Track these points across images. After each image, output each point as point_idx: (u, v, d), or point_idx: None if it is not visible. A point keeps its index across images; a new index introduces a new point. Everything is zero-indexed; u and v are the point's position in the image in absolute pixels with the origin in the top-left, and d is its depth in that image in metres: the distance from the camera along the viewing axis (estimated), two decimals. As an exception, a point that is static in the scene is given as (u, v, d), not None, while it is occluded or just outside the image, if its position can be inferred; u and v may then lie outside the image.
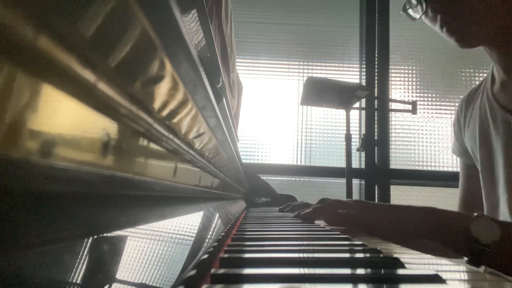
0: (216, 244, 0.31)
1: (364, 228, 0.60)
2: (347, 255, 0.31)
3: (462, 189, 0.89)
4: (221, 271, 0.22)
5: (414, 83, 2.11)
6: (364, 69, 2.08)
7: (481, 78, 2.16)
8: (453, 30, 0.69)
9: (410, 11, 0.75)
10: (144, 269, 0.18)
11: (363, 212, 0.63)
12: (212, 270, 0.22)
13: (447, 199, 1.83)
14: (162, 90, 0.20)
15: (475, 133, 0.80)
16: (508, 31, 0.68)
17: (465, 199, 0.88)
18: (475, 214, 0.55)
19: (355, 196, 1.86)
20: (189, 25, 0.30)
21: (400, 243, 0.59)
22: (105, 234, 0.15)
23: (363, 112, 2.04)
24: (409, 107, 2.00)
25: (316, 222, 0.78)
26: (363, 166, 2.00)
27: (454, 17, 0.69)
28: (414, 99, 2.06)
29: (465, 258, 0.55)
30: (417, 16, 0.74)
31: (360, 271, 0.24)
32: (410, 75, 2.11)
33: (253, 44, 2.08)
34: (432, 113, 2.09)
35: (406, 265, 0.26)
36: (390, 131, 2.05)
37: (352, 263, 0.28)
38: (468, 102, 0.84)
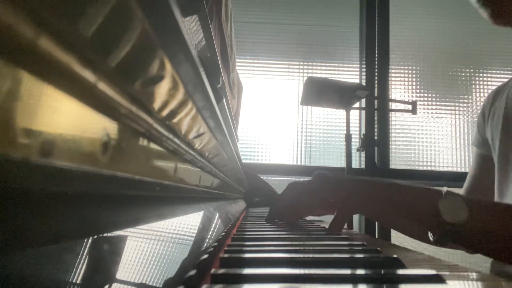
0: (216, 244, 0.31)
1: (325, 205, 0.60)
2: (347, 255, 0.31)
3: (470, 179, 0.90)
4: (221, 271, 0.22)
5: (414, 83, 2.11)
6: (364, 69, 2.08)
7: (481, 79, 2.16)
8: (489, 1, 0.67)
9: None
10: (144, 269, 0.18)
11: (324, 187, 0.64)
12: (212, 270, 0.22)
13: (447, 199, 1.82)
14: (162, 90, 0.20)
15: (498, 123, 0.80)
16: None
17: (471, 187, 0.88)
18: (445, 190, 0.54)
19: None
20: (189, 25, 0.30)
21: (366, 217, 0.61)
22: (105, 234, 0.15)
23: (363, 112, 2.04)
24: (409, 107, 2.00)
25: (313, 219, 0.78)
26: (363, 166, 2.00)
27: None
28: (414, 99, 2.06)
29: (431, 237, 0.54)
30: None
31: (360, 271, 0.24)
32: (410, 75, 2.11)
33: (253, 44, 2.08)
34: (432, 113, 2.09)
35: (406, 265, 0.26)
36: (390, 131, 2.05)
37: (352, 263, 0.28)
38: (496, 94, 0.85)
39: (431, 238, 0.54)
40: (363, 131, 1.99)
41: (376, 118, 2.03)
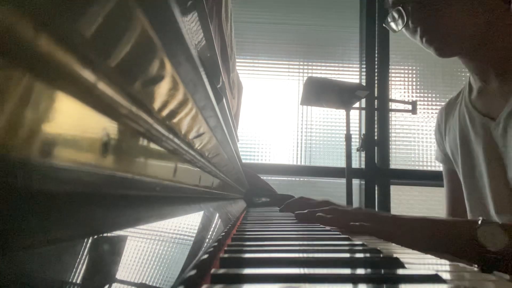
0: (216, 244, 0.31)
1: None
2: (347, 255, 0.31)
3: (448, 194, 0.93)
4: (221, 271, 0.22)
5: (414, 83, 2.11)
6: (364, 69, 2.08)
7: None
8: (432, 40, 0.76)
9: (392, 24, 0.84)
10: (144, 269, 0.18)
11: (375, 226, 0.61)
12: (212, 270, 0.22)
13: (447, 199, 1.83)
14: (162, 90, 0.20)
15: (456, 140, 0.83)
16: (482, 42, 0.73)
17: (452, 203, 0.91)
18: (480, 219, 0.54)
19: (355, 196, 1.86)
20: (189, 25, 0.30)
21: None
22: (105, 234, 0.15)
23: (363, 112, 2.04)
24: (409, 107, 2.00)
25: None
26: (363, 166, 2.00)
27: (433, 29, 0.75)
28: (414, 99, 2.06)
29: (475, 267, 0.54)
30: (398, 28, 0.82)
31: (360, 271, 0.24)
32: (410, 75, 2.11)
33: (253, 44, 2.08)
34: (432, 113, 2.09)
35: (406, 265, 0.26)
36: (390, 131, 2.05)
37: (352, 263, 0.28)
38: (448, 110, 0.89)
39: (475, 270, 0.54)
40: (363, 131, 1.99)
41: (376, 118, 2.03)
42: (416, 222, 0.60)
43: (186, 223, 0.31)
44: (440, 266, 0.29)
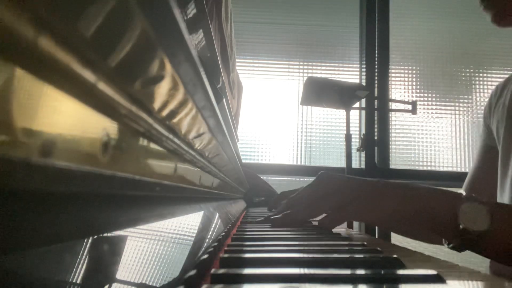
0: (216, 244, 0.31)
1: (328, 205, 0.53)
2: (347, 255, 0.31)
3: (473, 169, 0.89)
4: (221, 271, 0.22)
5: (414, 83, 2.11)
6: (364, 69, 2.08)
7: (481, 79, 2.16)
8: (492, 6, 0.67)
9: None
10: (144, 269, 0.18)
11: (331, 186, 0.55)
12: (212, 270, 0.22)
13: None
14: (162, 90, 0.20)
15: (503, 115, 0.79)
16: None
17: (473, 179, 0.88)
18: (463, 195, 0.49)
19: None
20: (189, 25, 0.30)
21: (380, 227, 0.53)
22: (105, 234, 0.15)
23: (363, 112, 2.04)
24: (409, 107, 2.00)
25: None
26: (363, 166, 2.00)
27: None
28: (414, 99, 2.06)
29: (446, 244, 0.50)
30: None
31: (360, 271, 0.24)
32: (410, 75, 2.11)
33: (253, 44, 2.08)
34: (432, 113, 2.09)
35: (406, 265, 0.26)
36: (390, 131, 2.05)
37: (352, 263, 0.28)
38: (504, 85, 0.85)
39: (445, 245, 0.50)
40: (363, 131, 1.99)
41: (376, 118, 2.03)
42: (389, 189, 0.53)
43: (186, 223, 0.31)
44: (441, 266, 0.29)
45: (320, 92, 1.56)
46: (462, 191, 0.90)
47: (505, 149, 0.77)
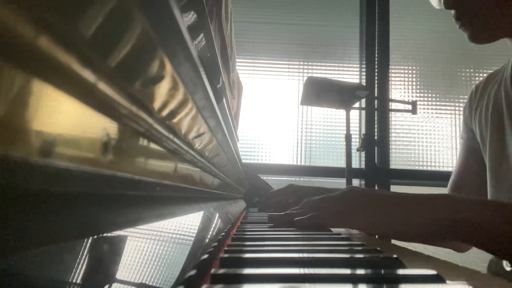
0: (216, 244, 0.31)
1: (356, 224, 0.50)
2: (347, 255, 0.31)
3: (456, 171, 0.88)
4: (221, 271, 0.22)
5: (414, 83, 2.11)
6: (364, 69, 2.08)
7: (481, 78, 2.16)
8: (467, 25, 0.67)
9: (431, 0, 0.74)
10: (144, 269, 0.18)
11: (356, 209, 0.52)
12: (212, 270, 0.22)
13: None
14: (162, 90, 0.20)
15: (487, 118, 0.77)
16: None
17: (456, 182, 0.86)
18: (504, 202, 0.46)
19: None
20: (189, 25, 0.30)
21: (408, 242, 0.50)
22: (105, 234, 0.15)
23: (363, 112, 2.04)
24: (409, 107, 2.00)
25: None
26: (363, 166, 2.00)
27: (469, 13, 0.66)
28: (414, 99, 2.06)
29: (508, 265, 0.46)
30: (438, 5, 0.72)
31: (360, 271, 0.24)
32: (410, 75, 2.11)
33: (253, 44, 2.08)
34: (432, 113, 2.09)
35: (406, 264, 0.26)
36: (390, 131, 2.05)
37: (352, 263, 0.28)
38: (484, 86, 0.82)
39: (507, 268, 0.46)
40: (363, 131, 1.99)
41: (376, 118, 2.03)
42: (414, 203, 0.49)
43: (186, 223, 0.31)
44: (441, 266, 0.29)
45: (320, 92, 1.56)
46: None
47: (495, 159, 0.74)
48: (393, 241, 0.53)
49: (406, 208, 0.49)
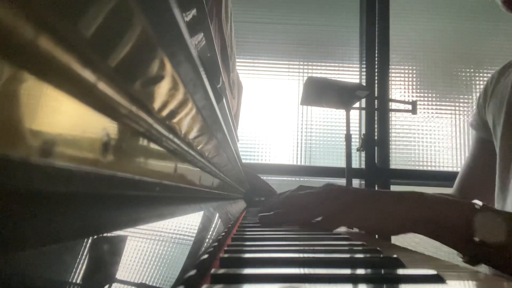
0: (216, 244, 0.31)
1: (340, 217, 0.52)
2: (347, 255, 0.31)
3: (467, 164, 0.86)
4: (221, 271, 0.22)
5: (414, 83, 2.11)
6: (364, 69, 2.08)
7: (481, 79, 2.16)
8: None
9: None
10: (144, 269, 0.18)
11: (341, 205, 0.54)
12: (212, 270, 0.22)
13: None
14: (162, 90, 0.20)
15: (501, 108, 0.76)
16: None
17: (467, 175, 0.85)
18: (476, 204, 0.47)
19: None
20: (189, 25, 0.30)
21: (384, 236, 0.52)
22: (105, 234, 0.15)
23: (363, 112, 2.04)
24: (409, 107, 2.00)
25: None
26: (363, 166, 2.00)
27: None
28: (414, 99, 2.06)
29: (460, 257, 0.48)
30: None
31: (360, 271, 0.24)
32: (410, 75, 2.11)
33: (253, 44, 2.08)
34: (432, 113, 2.09)
35: (406, 265, 0.26)
36: (390, 131, 2.05)
37: (352, 263, 0.28)
38: (501, 73, 0.81)
39: (460, 259, 0.48)
40: (363, 131, 1.99)
41: (376, 118, 2.03)
42: (391, 199, 0.51)
43: (186, 223, 0.31)
44: (441, 266, 0.29)
45: (320, 92, 1.56)
46: (453, 188, 0.88)
47: (506, 150, 0.73)
48: (393, 241, 0.53)
49: (382, 206, 0.52)
